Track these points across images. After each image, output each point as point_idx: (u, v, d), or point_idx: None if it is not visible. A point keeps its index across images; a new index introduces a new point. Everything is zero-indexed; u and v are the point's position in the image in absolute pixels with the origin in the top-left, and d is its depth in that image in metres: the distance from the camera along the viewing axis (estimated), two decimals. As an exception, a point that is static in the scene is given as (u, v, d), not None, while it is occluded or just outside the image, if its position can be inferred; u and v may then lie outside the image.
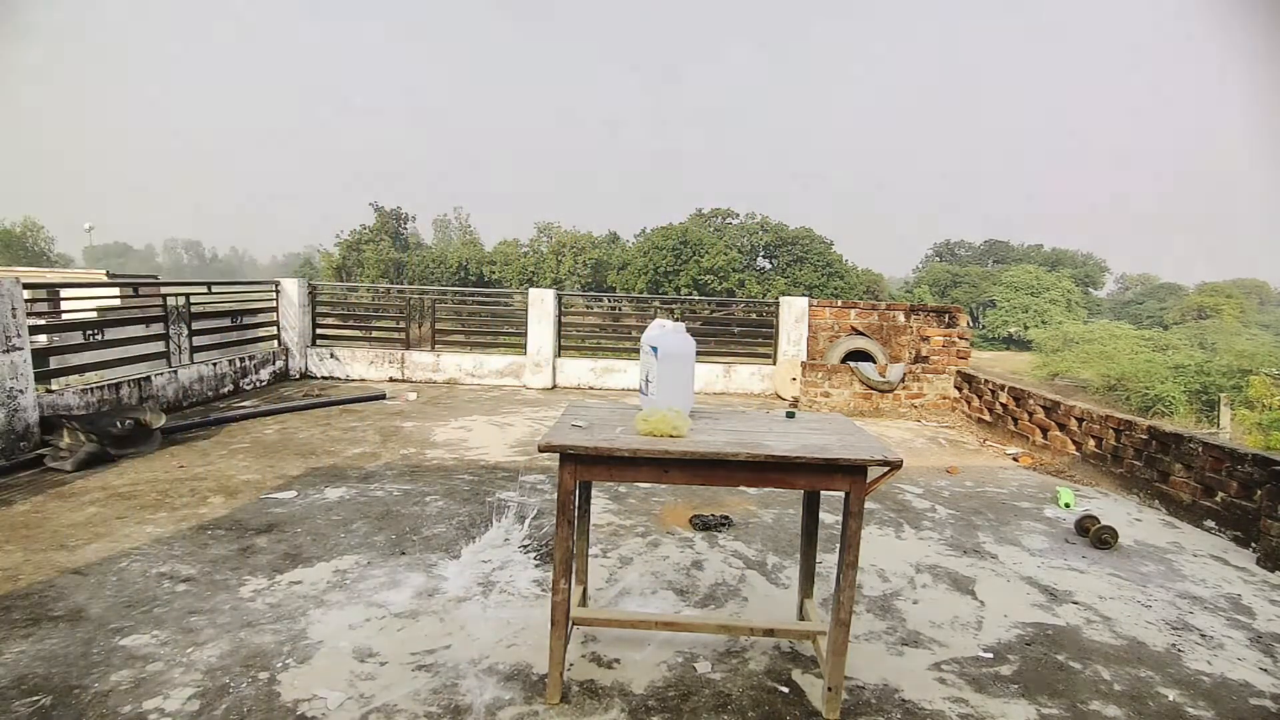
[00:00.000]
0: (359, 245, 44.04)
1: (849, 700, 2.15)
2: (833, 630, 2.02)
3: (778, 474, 1.96)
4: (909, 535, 3.67)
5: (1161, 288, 65.37)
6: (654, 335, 2.37)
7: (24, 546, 3.03)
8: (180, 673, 2.14)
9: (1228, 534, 3.81)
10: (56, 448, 4.26)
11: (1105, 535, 3.59)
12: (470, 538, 3.32)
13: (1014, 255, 68.86)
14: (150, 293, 6.97)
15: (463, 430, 5.59)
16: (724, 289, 41.68)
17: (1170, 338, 37.53)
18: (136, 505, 3.60)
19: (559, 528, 1.99)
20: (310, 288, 8.29)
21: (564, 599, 2.03)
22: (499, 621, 2.55)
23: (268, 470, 4.30)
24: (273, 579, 2.81)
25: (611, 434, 2.04)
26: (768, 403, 7.79)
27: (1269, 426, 16.31)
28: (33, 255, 47.83)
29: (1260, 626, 2.81)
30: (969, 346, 7.46)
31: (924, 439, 6.14)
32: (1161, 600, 3.01)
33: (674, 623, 2.37)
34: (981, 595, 2.98)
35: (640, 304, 17.75)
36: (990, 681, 2.32)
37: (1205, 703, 2.25)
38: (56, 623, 2.40)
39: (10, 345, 4.23)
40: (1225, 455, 3.88)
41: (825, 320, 8.26)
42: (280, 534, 3.28)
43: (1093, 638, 2.65)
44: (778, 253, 48.94)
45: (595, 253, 44.46)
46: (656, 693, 2.15)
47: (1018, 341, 52.27)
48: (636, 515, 3.76)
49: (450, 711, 2.01)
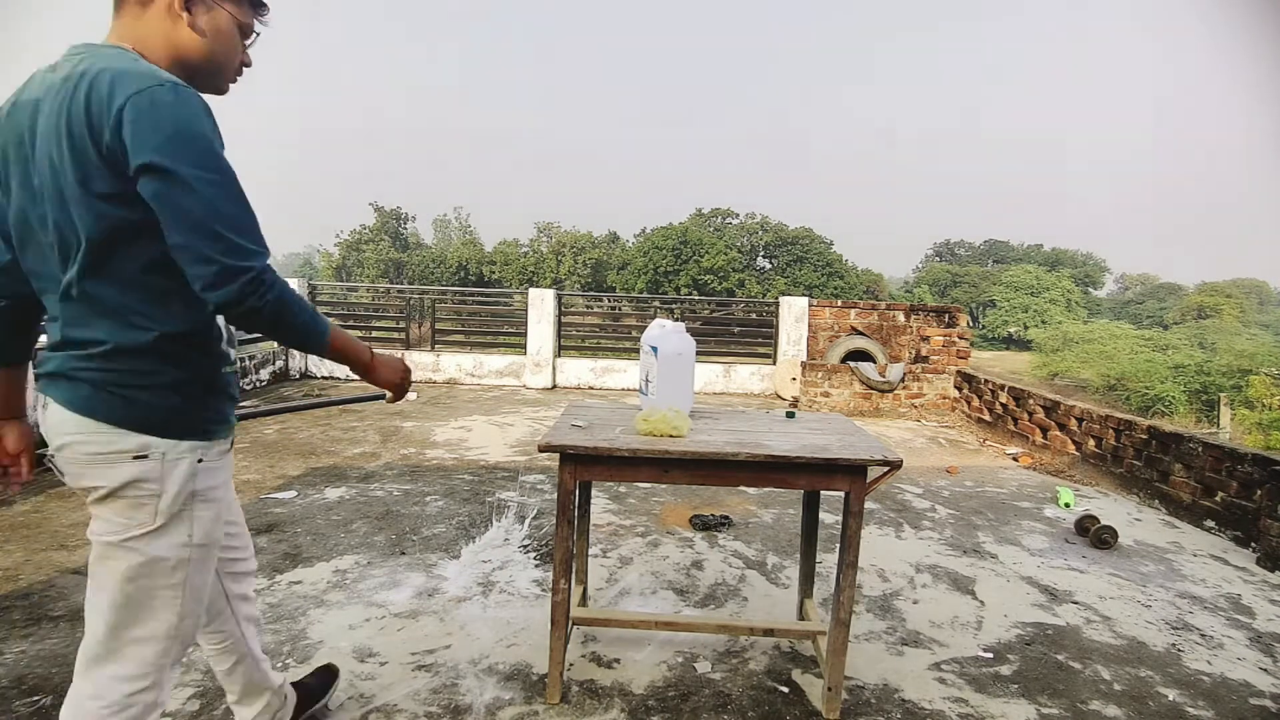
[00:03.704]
0: (359, 245, 44.07)
1: (849, 700, 2.15)
2: (833, 630, 2.01)
3: (778, 474, 1.96)
4: (909, 535, 3.67)
5: (1161, 288, 65.42)
6: (654, 335, 2.37)
7: (24, 546, 3.03)
8: (180, 673, 2.14)
9: (1227, 534, 3.81)
10: (56, 448, 4.26)
11: (1105, 535, 3.59)
12: (470, 538, 3.32)
13: (1014, 255, 68.92)
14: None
15: (463, 430, 5.59)
16: (724, 289, 41.70)
17: (1170, 338, 37.57)
18: (136, 505, 3.60)
19: (559, 528, 1.99)
20: (310, 288, 8.30)
21: (564, 599, 2.03)
22: (499, 621, 2.55)
23: (267, 470, 4.30)
24: (272, 579, 2.81)
25: (611, 434, 2.04)
26: (768, 403, 7.79)
27: (1269, 426, 16.33)
28: (33, 255, 47.76)
29: (1260, 626, 2.81)
30: (969, 346, 7.46)
31: (924, 439, 6.14)
32: (1161, 600, 3.01)
33: (674, 623, 2.37)
34: (981, 595, 2.98)
35: (640, 304, 17.75)
36: (990, 681, 2.32)
37: (1205, 702, 2.25)
38: (56, 622, 2.40)
39: (10, 345, 4.23)
40: (1225, 455, 3.88)
41: (825, 320, 8.27)
42: (280, 534, 3.28)
43: (1093, 637, 2.65)
44: (778, 253, 48.97)
45: (595, 253, 44.49)
46: (656, 692, 2.15)
47: (1018, 341, 52.33)
48: (636, 515, 3.76)
49: (450, 711, 2.01)
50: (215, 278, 1.11)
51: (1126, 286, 71.12)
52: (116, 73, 1.10)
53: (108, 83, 1.09)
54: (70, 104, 1.09)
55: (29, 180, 1.16)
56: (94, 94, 1.08)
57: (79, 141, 1.09)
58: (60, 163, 1.11)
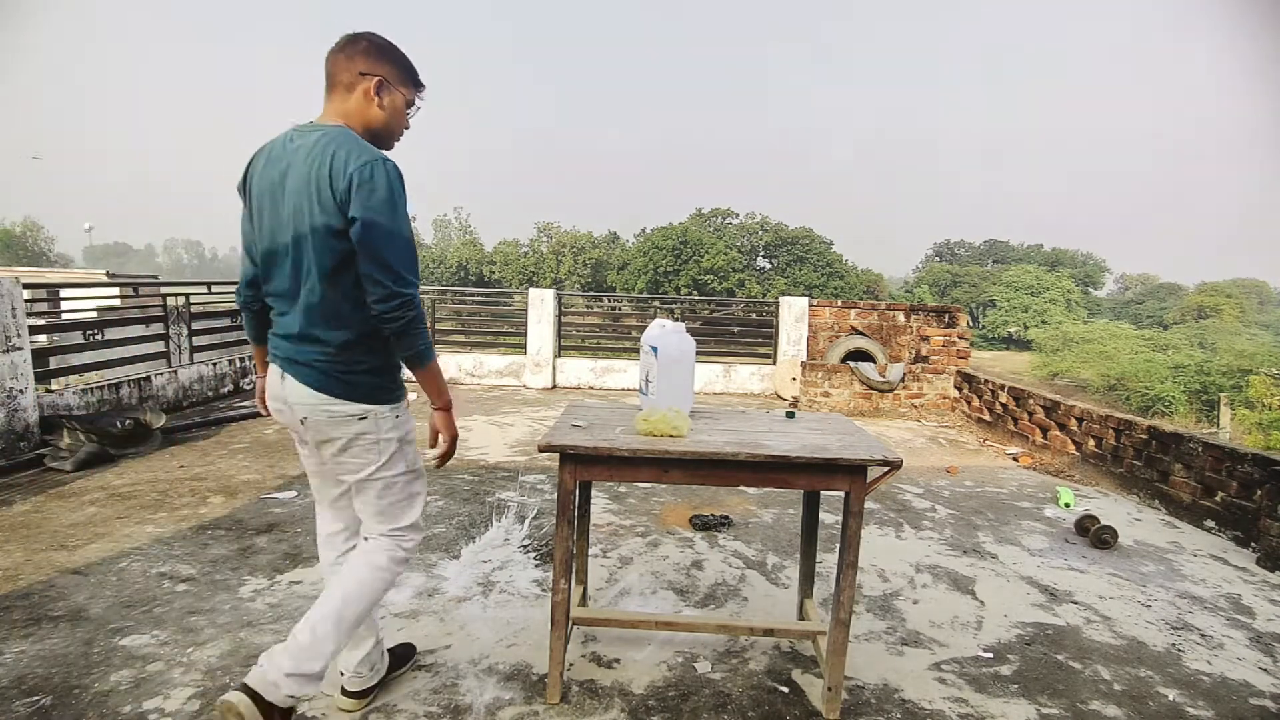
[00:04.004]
0: (359, 245, 43.89)
1: (849, 700, 2.15)
2: (833, 630, 2.01)
3: (778, 474, 1.96)
4: (909, 535, 3.67)
5: (1161, 288, 65.36)
6: (654, 335, 2.37)
7: (24, 546, 3.03)
8: (180, 673, 2.14)
9: (1227, 534, 3.81)
10: (56, 448, 4.26)
11: (1105, 535, 3.59)
12: (470, 538, 3.32)
13: (1014, 255, 68.87)
14: (150, 293, 6.97)
15: (462, 430, 5.58)
16: (724, 289, 41.69)
17: (1170, 338, 37.58)
18: (136, 505, 3.60)
19: (559, 528, 1.99)
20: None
21: (564, 599, 2.03)
22: (499, 621, 2.55)
23: (268, 470, 4.30)
24: (273, 579, 2.81)
25: (611, 434, 2.04)
26: (768, 403, 7.79)
27: (1269, 426, 16.33)
28: (33, 255, 47.83)
29: (1260, 626, 2.81)
30: (969, 346, 7.45)
31: (924, 439, 6.14)
32: (1161, 600, 3.01)
33: (674, 623, 2.37)
34: (981, 595, 2.98)
35: (640, 304, 17.76)
36: (990, 681, 2.32)
37: (1205, 702, 2.25)
38: (56, 623, 2.40)
39: (10, 345, 4.24)
40: (1225, 455, 3.88)
41: (825, 320, 8.26)
42: (280, 534, 3.28)
43: (1093, 637, 2.65)
44: (778, 252, 48.95)
45: (595, 253, 44.48)
46: (656, 692, 2.15)
47: (1018, 341, 52.30)
48: (636, 515, 3.76)
49: (450, 711, 2.01)
50: (382, 296, 1.61)
51: (1126, 286, 71.06)
52: (350, 148, 1.60)
53: (344, 155, 1.59)
54: (319, 167, 1.59)
55: (279, 218, 1.66)
56: (335, 161, 1.58)
57: (323, 194, 1.59)
58: (308, 207, 1.60)
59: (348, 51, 1.72)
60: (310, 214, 1.60)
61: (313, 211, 1.59)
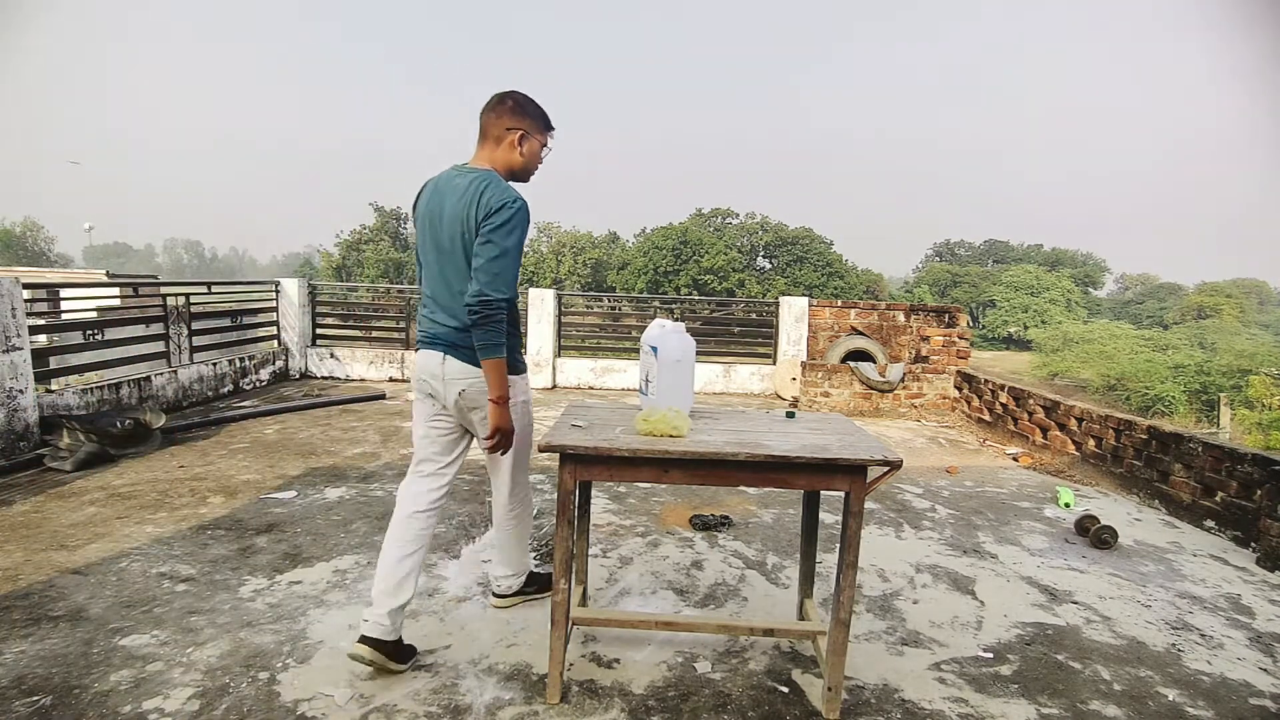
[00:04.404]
0: (359, 245, 44.03)
1: (849, 700, 2.15)
2: (833, 630, 2.01)
3: (778, 474, 1.96)
4: (909, 535, 3.67)
5: (1161, 288, 65.37)
6: (654, 335, 2.37)
7: (24, 546, 3.03)
8: (180, 673, 2.14)
9: (1227, 534, 3.81)
10: (56, 448, 4.26)
11: (1105, 535, 3.59)
12: (470, 537, 3.32)
13: (1014, 255, 68.87)
14: (150, 293, 6.96)
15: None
16: (724, 289, 41.69)
17: (1170, 338, 37.59)
18: (136, 505, 3.60)
19: (559, 527, 1.99)
20: (310, 288, 8.28)
21: (564, 599, 2.03)
22: (499, 621, 2.55)
23: (268, 470, 4.30)
24: (273, 579, 2.81)
25: (611, 434, 2.04)
26: (768, 403, 7.79)
27: (1269, 426, 16.33)
28: (33, 255, 47.85)
29: (1260, 626, 2.81)
30: (969, 346, 7.45)
31: (924, 439, 6.14)
32: (1161, 600, 3.01)
33: (674, 623, 2.37)
34: (981, 595, 2.98)
35: (640, 304, 17.75)
36: (990, 681, 2.32)
37: (1205, 702, 2.25)
38: (56, 623, 2.40)
39: (10, 345, 4.24)
40: (1225, 455, 3.88)
41: (825, 320, 8.26)
42: (280, 534, 3.28)
43: (1093, 637, 2.65)
44: (778, 252, 48.93)
45: (595, 253, 44.47)
46: (656, 692, 2.15)
47: (1018, 341, 52.32)
48: (636, 515, 3.76)
49: (450, 711, 2.01)
50: (473, 291, 2.05)
51: (1126, 286, 71.06)
52: (494, 190, 2.08)
53: (491, 194, 2.07)
54: (474, 202, 2.07)
55: (439, 237, 2.16)
56: (483, 197, 2.07)
57: (469, 223, 2.08)
58: (460, 231, 2.10)
59: (497, 111, 2.19)
60: (462, 236, 2.09)
61: (465, 234, 2.09)
